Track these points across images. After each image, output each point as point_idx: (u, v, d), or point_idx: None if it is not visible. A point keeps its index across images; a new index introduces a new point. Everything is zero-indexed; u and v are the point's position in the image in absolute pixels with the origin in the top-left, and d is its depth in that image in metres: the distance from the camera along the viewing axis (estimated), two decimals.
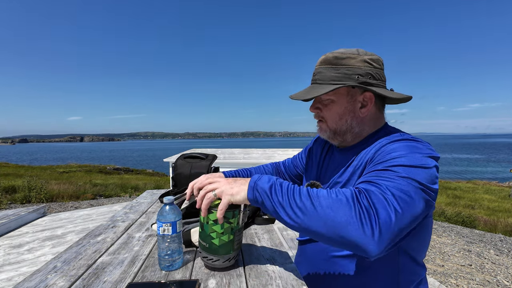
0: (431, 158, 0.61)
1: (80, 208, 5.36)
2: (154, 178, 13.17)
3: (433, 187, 0.58)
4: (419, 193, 0.55)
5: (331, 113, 0.77)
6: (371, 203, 0.52)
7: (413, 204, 0.53)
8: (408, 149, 0.61)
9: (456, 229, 4.93)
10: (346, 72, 0.72)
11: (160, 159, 7.34)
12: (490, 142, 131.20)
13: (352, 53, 0.73)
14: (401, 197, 0.53)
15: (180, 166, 1.43)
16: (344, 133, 0.77)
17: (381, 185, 0.55)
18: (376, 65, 0.73)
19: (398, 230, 0.51)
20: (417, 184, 0.55)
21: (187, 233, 0.85)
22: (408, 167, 0.57)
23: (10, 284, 1.62)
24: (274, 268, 0.75)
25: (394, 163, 0.59)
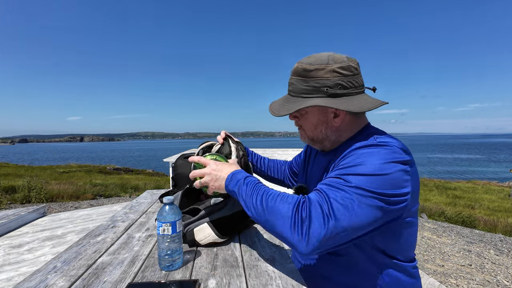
0: (395, 163, 0.62)
1: (80, 208, 5.36)
2: (154, 178, 13.17)
3: (392, 192, 0.60)
4: (367, 201, 0.59)
5: (306, 123, 0.81)
6: (308, 215, 0.60)
7: (354, 213, 0.58)
8: (366, 157, 0.63)
9: (456, 229, 4.93)
10: (315, 85, 0.72)
11: (160, 159, 7.34)
12: (490, 142, 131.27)
13: (321, 63, 0.72)
14: (339, 208, 0.59)
15: (180, 166, 1.43)
16: (322, 141, 0.81)
17: (324, 196, 0.61)
18: (346, 72, 0.72)
19: (330, 237, 0.59)
20: (366, 192, 0.59)
21: (190, 233, 0.85)
22: (360, 175, 0.61)
23: (10, 284, 1.62)
24: (274, 268, 0.75)
25: (348, 172, 0.63)
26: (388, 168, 0.60)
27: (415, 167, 0.67)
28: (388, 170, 0.60)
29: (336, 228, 0.58)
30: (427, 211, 6.58)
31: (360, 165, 0.62)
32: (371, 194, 0.59)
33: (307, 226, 0.59)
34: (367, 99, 0.74)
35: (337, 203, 0.59)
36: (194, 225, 0.86)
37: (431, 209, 6.67)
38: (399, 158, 0.63)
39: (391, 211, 0.61)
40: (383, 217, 0.61)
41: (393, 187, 0.60)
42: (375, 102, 0.74)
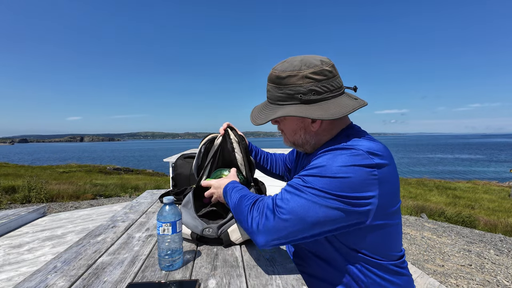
0: (356, 166, 0.63)
1: (80, 208, 5.36)
2: (154, 178, 13.17)
3: (350, 195, 0.62)
4: (321, 201, 0.62)
5: (286, 128, 0.83)
6: (260, 210, 0.69)
7: (304, 210, 0.63)
8: (327, 160, 0.66)
9: (456, 229, 4.93)
10: (288, 93, 0.73)
11: (160, 159, 7.34)
12: (490, 142, 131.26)
13: (293, 69, 0.72)
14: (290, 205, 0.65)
15: (180, 166, 1.43)
16: (302, 145, 0.83)
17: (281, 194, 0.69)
18: (320, 77, 0.71)
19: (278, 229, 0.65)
20: (321, 193, 0.63)
21: (225, 235, 0.87)
22: (319, 177, 0.64)
23: (10, 284, 1.62)
24: (274, 268, 0.75)
25: (308, 173, 0.67)
26: (348, 171, 0.62)
27: (389, 170, 0.66)
28: (347, 173, 0.62)
29: (284, 222, 0.64)
30: (427, 211, 6.58)
31: (320, 167, 0.65)
32: (326, 195, 0.62)
33: (258, 220, 0.68)
34: (345, 102, 0.73)
35: (289, 201, 0.65)
36: (226, 226, 0.89)
37: (431, 209, 6.67)
38: (362, 162, 0.63)
39: (351, 213, 0.63)
40: (342, 218, 0.63)
41: (352, 190, 0.62)
42: (353, 105, 0.73)
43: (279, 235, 0.65)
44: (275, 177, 1.23)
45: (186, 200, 0.99)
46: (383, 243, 0.71)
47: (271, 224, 0.65)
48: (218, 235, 0.88)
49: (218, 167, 1.03)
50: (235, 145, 1.01)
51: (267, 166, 1.20)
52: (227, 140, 1.02)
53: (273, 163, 1.21)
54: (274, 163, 1.21)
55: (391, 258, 0.73)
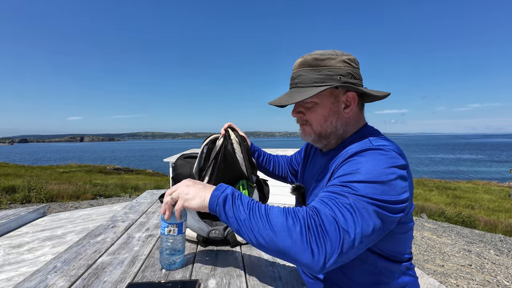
0: (394, 167, 0.61)
1: (80, 208, 5.36)
2: (154, 178, 13.17)
3: (394, 199, 0.58)
4: (373, 210, 0.56)
5: (315, 116, 0.77)
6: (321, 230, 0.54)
7: (365, 223, 0.55)
8: (365, 163, 0.61)
9: (456, 229, 4.93)
10: (328, 73, 0.72)
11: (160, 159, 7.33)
12: (491, 142, 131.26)
13: (331, 54, 0.73)
14: (350, 218, 0.54)
15: (180, 166, 1.43)
16: (329, 136, 0.78)
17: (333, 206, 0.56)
18: (354, 65, 0.74)
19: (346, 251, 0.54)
20: (372, 200, 0.56)
21: (232, 235, 0.88)
22: (363, 182, 0.58)
23: (10, 284, 1.62)
24: (274, 268, 0.75)
25: (350, 179, 0.60)
26: (389, 174, 0.59)
27: (409, 171, 0.67)
28: (389, 176, 0.59)
29: (353, 241, 0.54)
30: (427, 211, 6.58)
31: (360, 171, 0.60)
32: (378, 203, 0.57)
33: (323, 242, 0.53)
34: (373, 90, 0.76)
35: (348, 213, 0.55)
36: None
37: (431, 209, 6.67)
38: (397, 163, 0.62)
39: (393, 219, 0.59)
40: (387, 225, 0.59)
41: (396, 193, 0.59)
42: (382, 92, 0.76)
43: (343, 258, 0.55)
44: (277, 178, 1.22)
45: None
46: (397, 244, 0.71)
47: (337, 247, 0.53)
48: (224, 236, 0.88)
49: (220, 169, 1.02)
50: (236, 145, 1.00)
51: (270, 168, 1.19)
52: (228, 141, 1.01)
53: (276, 164, 1.20)
54: (276, 164, 1.20)
55: (400, 260, 0.73)
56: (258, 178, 1.08)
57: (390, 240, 0.69)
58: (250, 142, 1.13)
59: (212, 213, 0.64)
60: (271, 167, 1.19)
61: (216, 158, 1.00)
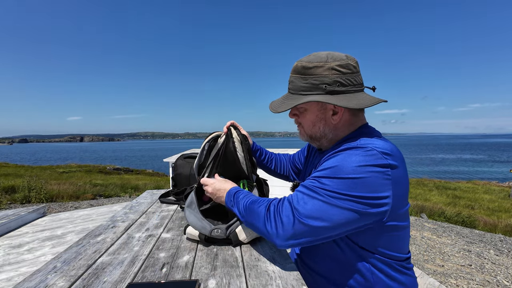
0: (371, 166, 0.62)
1: (80, 208, 5.36)
2: (154, 178, 13.17)
3: (366, 195, 0.61)
4: (338, 203, 0.62)
5: (305, 120, 0.82)
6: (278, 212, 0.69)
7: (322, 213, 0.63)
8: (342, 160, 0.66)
9: (456, 229, 4.93)
10: (313, 82, 0.74)
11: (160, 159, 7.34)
12: (491, 142, 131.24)
13: (320, 61, 0.73)
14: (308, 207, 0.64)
15: (180, 166, 1.43)
16: (320, 138, 0.82)
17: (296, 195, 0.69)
18: (345, 70, 0.73)
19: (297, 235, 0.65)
20: (338, 194, 0.62)
21: (234, 235, 0.88)
22: (335, 178, 0.64)
23: (10, 284, 1.62)
24: (274, 268, 0.75)
25: (323, 174, 0.67)
26: (362, 171, 0.62)
27: (400, 171, 0.66)
28: (362, 173, 0.62)
29: (303, 225, 0.64)
30: (427, 211, 6.58)
31: (334, 167, 0.65)
32: (342, 196, 0.62)
33: (277, 224, 0.68)
34: (366, 97, 0.75)
35: (306, 204, 0.65)
36: (234, 226, 0.90)
37: (431, 209, 6.67)
38: (376, 162, 0.63)
39: (368, 214, 0.63)
40: (358, 219, 0.63)
41: (368, 190, 0.61)
42: (373, 99, 0.75)
43: (297, 238, 0.66)
44: (280, 177, 1.23)
45: (190, 200, 0.98)
46: (392, 244, 0.71)
47: (290, 227, 0.66)
48: (227, 235, 0.88)
49: (220, 167, 1.03)
50: (237, 144, 1.00)
51: (272, 166, 1.20)
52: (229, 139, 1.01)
53: (278, 163, 1.21)
54: (278, 163, 1.21)
55: (398, 259, 0.73)
56: (258, 177, 1.08)
57: (383, 239, 0.69)
58: (252, 141, 1.13)
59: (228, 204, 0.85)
60: (273, 165, 1.20)
61: (216, 156, 1.00)
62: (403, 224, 0.71)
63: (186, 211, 0.96)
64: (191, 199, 0.98)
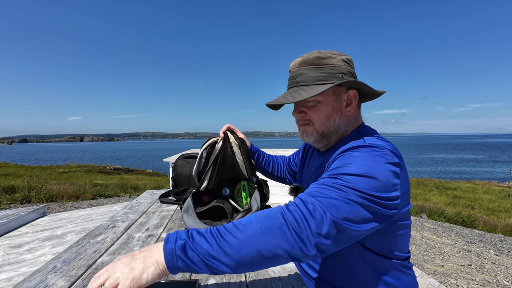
0: (386, 164, 0.60)
1: (80, 208, 5.36)
2: (154, 178, 13.17)
3: (384, 195, 0.57)
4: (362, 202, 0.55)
5: (318, 115, 0.76)
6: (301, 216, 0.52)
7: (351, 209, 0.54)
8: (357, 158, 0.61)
9: (456, 229, 4.93)
10: (330, 71, 0.73)
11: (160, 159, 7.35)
12: (491, 142, 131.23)
13: (331, 53, 0.75)
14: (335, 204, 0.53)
15: (180, 166, 1.43)
16: (331, 135, 0.78)
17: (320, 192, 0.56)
18: (352, 64, 0.77)
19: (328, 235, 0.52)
20: (361, 193, 0.55)
21: None
22: (353, 175, 0.57)
23: (10, 284, 1.62)
24: (274, 268, 0.75)
25: (341, 172, 0.59)
26: (380, 171, 0.59)
27: (405, 170, 0.66)
28: (380, 172, 0.59)
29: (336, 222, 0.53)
30: (427, 211, 6.58)
31: (352, 165, 0.60)
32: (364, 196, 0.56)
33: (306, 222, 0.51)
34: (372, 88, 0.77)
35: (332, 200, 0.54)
36: None
37: (431, 209, 6.67)
38: (391, 160, 0.62)
39: (385, 215, 0.59)
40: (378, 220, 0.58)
41: (385, 190, 0.58)
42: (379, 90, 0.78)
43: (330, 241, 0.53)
44: (276, 179, 1.22)
45: (186, 205, 0.98)
46: (394, 243, 0.71)
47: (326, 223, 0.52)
48: None
49: (219, 172, 1.02)
50: (236, 149, 1.00)
51: (269, 169, 1.19)
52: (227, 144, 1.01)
53: (275, 165, 1.20)
54: (276, 165, 1.20)
55: (400, 258, 0.73)
56: (258, 178, 1.08)
57: (387, 239, 0.69)
58: (249, 143, 1.12)
59: (177, 272, 0.52)
60: (270, 168, 1.19)
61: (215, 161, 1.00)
62: (406, 223, 0.71)
63: (183, 216, 0.96)
64: (188, 204, 0.99)
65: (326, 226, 0.52)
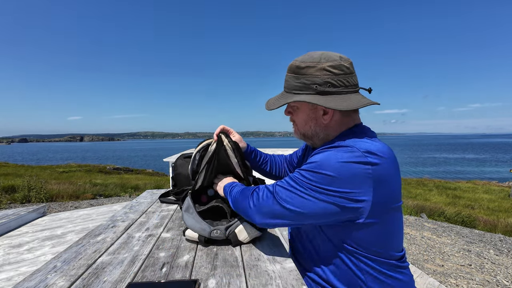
0: (351, 163, 0.65)
1: (80, 208, 5.36)
2: (154, 178, 13.18)
3: (345, 190, 0.64)
4: (316, 195, 0.66)
5: (298, 119, 0.85)
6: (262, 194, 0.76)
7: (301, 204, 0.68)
8: (324, 157, 0.68)
9: (456, 229, 4.93)
10: (305, 82, 0.75)
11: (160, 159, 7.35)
12: (491, 142, 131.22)
13: (313, 61, 0.74)
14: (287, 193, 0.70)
15: (180, 166, 1.42)
16: (311, 137, 0.84)
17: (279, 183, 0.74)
18: (337, 71, 0.73)
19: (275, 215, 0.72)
20: (316, 188, 0.66)
21: (233, 235, 0.89)
22: (315, 172, 0.67)
23: (10, 284, 1.62)
24: (274, 268, 0.75)
25: (305, 168, 0.71)
26: (341, 168, 0.64)
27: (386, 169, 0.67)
28: (341, 169, 0.64)
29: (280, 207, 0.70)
30: (427, 211, 6.58)
31: (316, 162, 0.68)
32: (321, 190, 0.66)
33: (257, 201, 0.76)
34: (357, 99, 0.75)
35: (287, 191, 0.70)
36: (233, 227, 0.90)
37: (431, 209, 6.67)
38: (356, 159, 0.65)
39: (345, 208, 0.65)
40: (336, 213, 0.66)
41: (345, 186, 0.64)
42: (364, 101, 0.75)
43: (273, 217, 0.73)
44: (275, 178, 1.22)
45: (186, 205, 0.98)
46: (379, 241, 0.71)
47: (268, 205, 0.73)
48: (226, 236, 0.88)
49: (213, 171, 1.02)
50: (230, 152, 0.99)
51: (267, 168, 1.20)
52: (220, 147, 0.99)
53: (273, 164, 1.21)
54: (273, 164, 1.21)
55: (390, 257, 0.73)
56: (255, 178, 1.08)
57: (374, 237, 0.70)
58: (245, 144, 1.12)
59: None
60: (268, 167, 1.20)
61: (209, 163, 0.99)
62: (391, 221, 0.71)
63: (184, 215, 0.96)
64: (188, 203, 0.98)
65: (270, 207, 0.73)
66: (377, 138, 0.76)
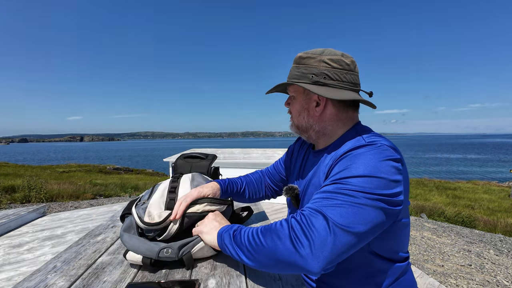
0: (389, 160, 0.61)
1: (80, 208, 5.36)
2: (154, 178, 13.18)
3: (389, 192, 0.58)
4: (370, 203, 0.56)
5: (293, 109, 0.84)
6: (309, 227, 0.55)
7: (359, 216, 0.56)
8: (359, 158, 0.62)
9: (456, 229, 4.93)
10: (303, 72, 0.75)
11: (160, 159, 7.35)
12: (491, 142, 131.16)
13: (315, 53, 0.75)
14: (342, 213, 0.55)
15: (180, 166, 1.43)
16: (306, 130, 0.81)
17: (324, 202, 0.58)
18: (335, 65, 0.73)
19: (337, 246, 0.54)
20: (367, 194, 0.57)
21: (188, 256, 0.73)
22: (357, 177, 0.58)
23: (10, 284, 1.62)
24: None
25: (344, 175, 0.61)
26: (383, 168, 0.59)
27: (405, 166, 0.66)
28: (383, 170, 0.59)
29: (343, 235, 0.54)
30: (427, 211, 6.58)
31: (353, 167, 0.61)
32: (372, 196, 0.57)
33: (312, 235, 0.54)
34: (350, 94, 0.73)
35: (339, 208, 0.56)
36: (189, 247, 0.74)
37: (431, 209, 6.67)
38: (391, 156, 0.62)
39: (392, 213, 0.59)
40: (386, 219, 0.59)
41: (389, 187, 0.58)
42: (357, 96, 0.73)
43: (337, 253, 0.55)
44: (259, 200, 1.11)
45: (127, 225, 0.82)
46: (393, 243, 0.70)
47: (329, 241, 0.54)
48: (179, 256, 0.72)
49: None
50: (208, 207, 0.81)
51: (246, 195, 1.05)
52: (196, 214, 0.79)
53: (251, 187, 1.06)
54: (251, 187, 1.06)
55: (398, 258, 0.72)
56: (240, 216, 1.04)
57: (386, 239, 0.68)
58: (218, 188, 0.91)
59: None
60: (247, 193, 1.05)
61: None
62: (405, 221, 0.70)
63: (124, 236, 0.77)
64: (130, 223, 0.82)
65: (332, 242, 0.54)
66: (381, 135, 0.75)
